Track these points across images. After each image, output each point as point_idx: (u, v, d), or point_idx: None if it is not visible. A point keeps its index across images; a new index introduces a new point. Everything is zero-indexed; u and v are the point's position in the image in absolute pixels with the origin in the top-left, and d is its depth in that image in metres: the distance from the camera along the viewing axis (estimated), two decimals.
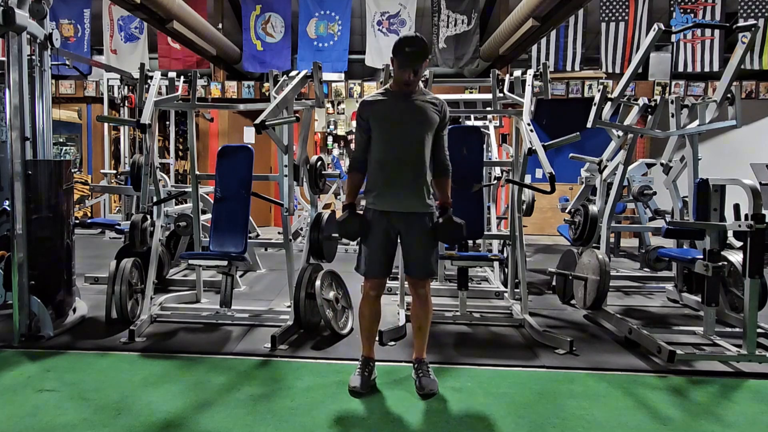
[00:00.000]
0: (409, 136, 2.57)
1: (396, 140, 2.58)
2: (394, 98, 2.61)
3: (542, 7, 6.20)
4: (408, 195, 2.59)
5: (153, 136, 4.09)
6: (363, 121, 2.64)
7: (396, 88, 2.62)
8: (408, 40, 2.47)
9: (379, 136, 2.61)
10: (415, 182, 2.58)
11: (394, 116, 2.58)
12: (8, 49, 3.23)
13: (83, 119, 9.57)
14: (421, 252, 2.64)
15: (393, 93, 2.62)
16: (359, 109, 2.65)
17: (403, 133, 2.57)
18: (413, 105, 2.58)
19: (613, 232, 4.75)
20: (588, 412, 2.49)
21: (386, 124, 2.58)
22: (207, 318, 3.76)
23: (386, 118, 2.58)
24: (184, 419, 2.37)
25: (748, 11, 8.25)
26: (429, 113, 2.59)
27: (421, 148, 2.58)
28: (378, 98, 2.63)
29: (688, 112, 4.37)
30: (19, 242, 3.30)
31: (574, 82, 8.90)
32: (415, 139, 2.57)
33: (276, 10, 8.87)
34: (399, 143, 2.57)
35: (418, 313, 2.73)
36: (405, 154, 2.57)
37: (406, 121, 2.57)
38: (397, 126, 2.57)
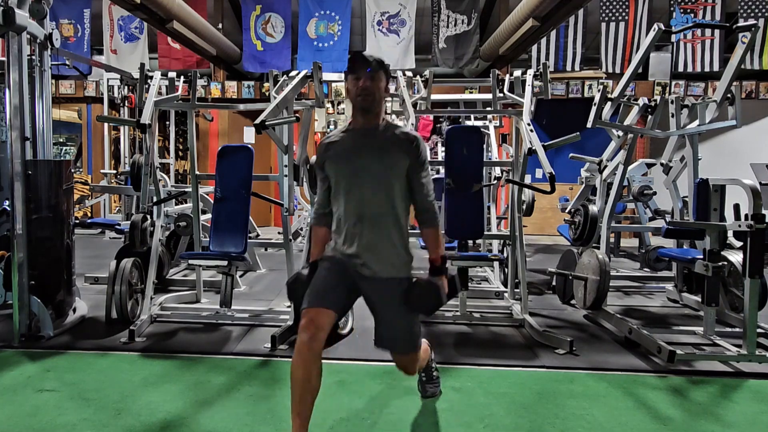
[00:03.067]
0: (373, 183, 2.04)
1: (356, 189, 2.05)
2: (354, 137, 2.10)
3: (542, 7, 6.20)
4: (377, 257, 2.04)
5: (153, 136, 4.09)
6: (320, 169, 2.16)
7: (357, 125, 2.12)
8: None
9: (337, 185, 2.10)
10: (384, 241, 2.05)
11: (353, 160, 2.06)
12: (8, 49, 3.23)
13: (83, 119, 9.57)
14: (400, 325, 2.09)
15: (353, 131, 2.12)
16: (317, 152, 2.19)
17: (364, 179, 2.04)
18: (376, 143, 2.06)
19: (613, 232, 4.75)
20: (588, 412, 2.49)
21: (344, 170, 2.07)
22: (207, 318, 3.76)
23: (344, 163, 2.08)
24: (184, 419, 2.37)
25: (748, 11, 8.25)
26: (395, 153, 2.05)
27: (389, 197, 2.05)
28: (335, 138, 2.14)
29: (688, 112, 4.37)
30: (19, 242, 3.30)
31: (574, 82, 8.90)
32: (381, 186, 2.04)
33: (276, 10, 8.87)
34: (361, 193, 2.04)
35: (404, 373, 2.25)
36: (370, 207, 2.04)
37: (367, 165, 2.04)
38: (358, 171, 2.05)
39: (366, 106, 2.05)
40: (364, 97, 2.03)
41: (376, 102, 2.06)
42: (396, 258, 2.08)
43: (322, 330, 1.96)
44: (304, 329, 1.95)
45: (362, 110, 2.07)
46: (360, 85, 2.02)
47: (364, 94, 2.02)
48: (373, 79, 2.03)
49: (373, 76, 2.03)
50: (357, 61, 2.04)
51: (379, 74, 2.04)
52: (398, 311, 2.07)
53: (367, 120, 2.09)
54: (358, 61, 2.04)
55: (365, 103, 2.04)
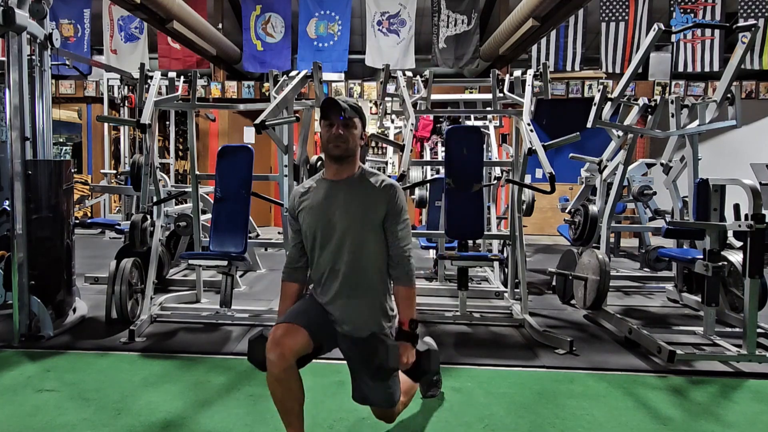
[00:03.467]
0: (345, 238, 1.94)
1: (330, 244, 1.95)
2: (326, 189, 1.99)
3: (542, 7, 6.21)
4: (351, 315, 1.97)
5: (153, 136, 4.09)
6: (294, 220, 2.05)
7: (329, 175, 2.01)
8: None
9: (311, 239, 1.99)
10: (357, 299, 1.97)
11: (326, 213, 1.95)
12: (8, 49, 3.23)
13: (83, 119, 9.57)
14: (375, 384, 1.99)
15: (326, 182, 2.01)
16: (289, 202, 2.09)
17: (337, 234, 1.94)
18: (350, 196, 1.96)
19: (613, 232, 4.75)
20: (588, 412, 2.49)
21: (316, 224, 1.96)
22: (207, 318, 3.76)
23: (315, 217, 1.97)
24: (184, 419, 2.37)
25: (748, 11, 8.25)
26: (371, 205, 1.95)
27: (365, 253, 1.95)
28: (309, 188, 2.04)
29: (688, 112, 4.37)
30: (19, 242, 3.31)
31: (574, 82, 8.90)
32: (355, 241, 1.94)
33: (276, 10, 8.87)
34: (334, 249, 1.95)
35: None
36: (343, 264, 1.94)
37: (339, 219, 1.94)
38: (329, 226, 1.95)
39: (339, 155, 1.95)
40: (336, 144, 1.93)
41: (350, 150, 1.95)
42: (369, 317, 1.98)
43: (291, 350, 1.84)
44: (271, 349, 1.84)
45: (335, 159, 1.96)
46: (333, 132, 1.92)
47: (337, 142, 1.92)
48: (347, 126, 1.93)
49: (347, 123, 1.93)
50: (330, 107, 1.93)
51: (353, 121, 1.94)
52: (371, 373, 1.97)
53: (340, 169, 1.99)
54: (331, 106, 1.93)
55: (338, 152, 1.94)
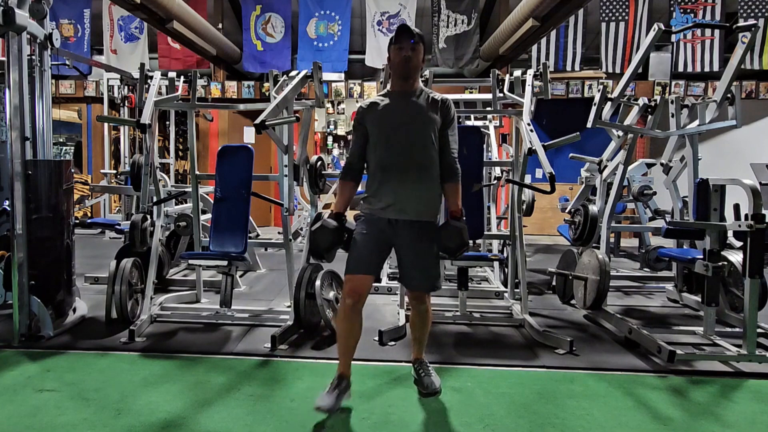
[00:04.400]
0: (412, 136, 2.39)
1: (398, 142, 2.39)
2: (394, 98, 2.46)
3: (542, 7, 6.20)
4: (415, 201, 2.40)
5: (153, 136, 4.09)
6: (360, 125, 2.47)
7: (396, 88, 2.48)
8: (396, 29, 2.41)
9: (379, 140, 2.42)
10: (422, 187, 2.41)
11: (394, 117, 2.42)
12: (8, 49, 3.23)
13: (83, 119, 9.57)
14: (425, 262, 2.44)
15: (393, 93, 2.48)
16: (357, 113, 2.49)
17: (405, 134, 2.39)
18: (414, 103, 2.43)
19: (613, 232, 4.75)
20: (588, 412, 2.49)
21: (386, 126, 2.41)
22: (207, 318, 3.76)
23: (386, 120, 2.42)
24: (184, 419, 2.37)
25: (748, 11, 8.25)
26: (431, 111, 2.42)
27: (427, 149, 2.40)
28: (377, 100, 2.49)
29: (688, 112, 4.37)
30: (19, 242, 3.30)
31: (574, 82, 8.90)
32: (419, 139, 2.39)
33: (276, 10, 8.87)
34: (402, 145, 2.39)
35: (416, 324, 2.62)
36: (409, 157, 2.39)
37: (407, 122, 2.40)
38: (399, 127, 2.40)
39: (406, 73, 2.41)
40: (405, 64, 2.38)
41: (415, 70, 2.41)
42: (429, 203, 2.44)
43: (364, 295, 2.40)
44: (349, 295, 2.38)
45: (402, 77, 2.42)
46: (403, 55, 2.37)
47: (405, 62, 2.37)
48: (414, 50, 2.37)
49: (414, 47, 2.37)
50: (402, 33, 2.36)
51: (419, 46, 2.39)
52: (426, 251, 2.43)
53: (406, 85, 2.44)
54: (403, 33, 2.36)
55: (405, 71, 2.40)
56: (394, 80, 2.48)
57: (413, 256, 2.43)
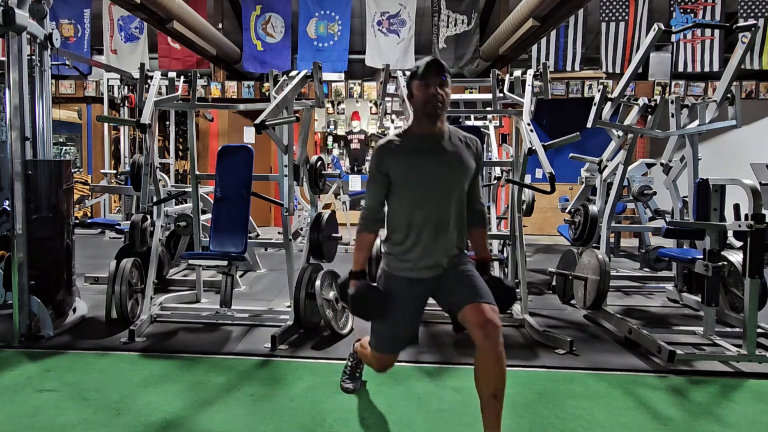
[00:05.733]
0: (444, 189, 2.07)
1: (433, 198, 2.06)
2: (422, 143, 2.09)
3: (542, 7, 6.20)
4: (445, 256, 2.10)
5: (153, 136, 4.09)
6: (382, 175, 2.09)
7: (422, 131, 2.10)
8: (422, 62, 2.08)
9: (405, 193, 2.08)
10: (453, 241, 2.12)
11: (427, 168, 2.06)
12: (8, 49, 3.23)
13: (83, 119, 9.57)
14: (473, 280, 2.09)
15: (418, 137, 2.11)
16: (376, 156, 2.11)
17: (441, 188, 2.07)
18: (447, 151, 2.08)
19: (613, 232, 4.74)
20: (588, 412, 2.49)
21: (418, 179, 2.06)
22: (207, 318, 3.76)
23: (417, 171, 2.06)
24: (184, 419, 2.37)
25: (748, 11, 8.25)
26: (465, 157, 2.10)
27: (460, 202, 2.13)
28: (398, 143, 2.10)
29: (688, 112, 4.37)
30: (19, 242, 3.31)
31: (574, 82, 8.90)
32: (452, 192, 2.09)
33: (276, 10, 8.86)
34: (437, 201, 2.07)
35: (491, 372, 1.95)
36: (441, 213, 2.07)
37: (443, 175, 2.07)
38: (434, 181, 2.06)
39: (435, 114, 2.06)
40: (434, 104, 2.03)
41: (445, 110, 2.08)
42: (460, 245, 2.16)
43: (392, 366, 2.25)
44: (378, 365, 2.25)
45: (430, 116, 2.06)
46: (431, 92, 2.03)
47: (435, 101, 2.03)
48: (442, 85, 2.05)
49: (443, 83, 2.05)
50: (431, 68, 2.05)
51: (448, 81, 2.08)
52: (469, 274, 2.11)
53: (434, 125, 2.09)
54: (432, 67, 2.05)
55: (435, 110, 2.05)
56: (418, 121, 2.11)
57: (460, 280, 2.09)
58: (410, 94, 2.10)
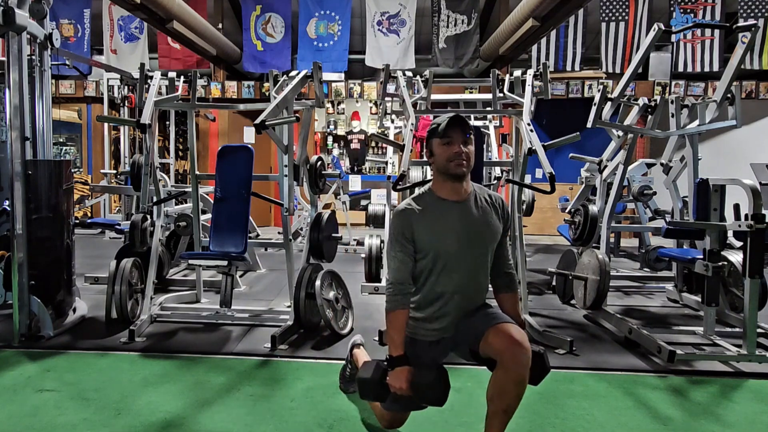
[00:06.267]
0: (478, 259, 1.99)
1: (462, 268, 1.96)
2: (447, 209, 1.97)
3: (542, 7, 6.20)
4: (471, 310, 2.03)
5: (153, 136, 4.09)
6: (406, 240, 1.95)
7: (446, 195, 1.98)
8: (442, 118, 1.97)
9: (431, 263, 1.96)
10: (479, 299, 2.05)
11: (452, 232, 1.94)
12: (8, 49, 3.23)
13: (83, 119, 9.57)
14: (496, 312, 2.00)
15: (441, 201, 1.98)
16: (399, 222, 1.96)
17: (470, 257, 1.96)
18: (475, 217, 1.98)
19: (613, 232, 4.74)
20: (588, 412, 2.49)
21: (441, 247, 1.94)
22: (207, 318, 3.76)
23: (440, 239, 1.94)
24: (184, 419, 2.37)
25: (748, 11, 8.25)
26: (493, 222, 2.00)
27: (486, 265, 2.03)
28: (422, 208, 1.97)
29: (688, 112, 4.37)
30: (19, 242, 3.30)
31: (574, 82, 8.90)
32: (481, 258, 1.99)
33: (276, 10, 8.87)
34: (466, 270, 1.97)
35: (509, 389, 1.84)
36: (469, 283, 1.99)
37: (468, 238, 1.95)
38: (459, 245, 1.94)
39: (462, 173, 1.95)
40: (459, 162, 1.92)
41: (470, 168, 1.96)
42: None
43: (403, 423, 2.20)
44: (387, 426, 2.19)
45: (456, 177, 1.95)
46: (454, 151, 1.91)
47: (459, 160, 1.92)
48: (466, 143, 1.93)
49: (468, 141, 1.94)
50: (455, 126, 1.93)
51: (471, 138, 1.96)
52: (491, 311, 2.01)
53: (458, 187, 1.98)
54: (456, 125, 1.93)
55: (462, 170, 1.93)
56: (442, 183, 1.99)
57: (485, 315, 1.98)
58: (430, 153, 1.99)
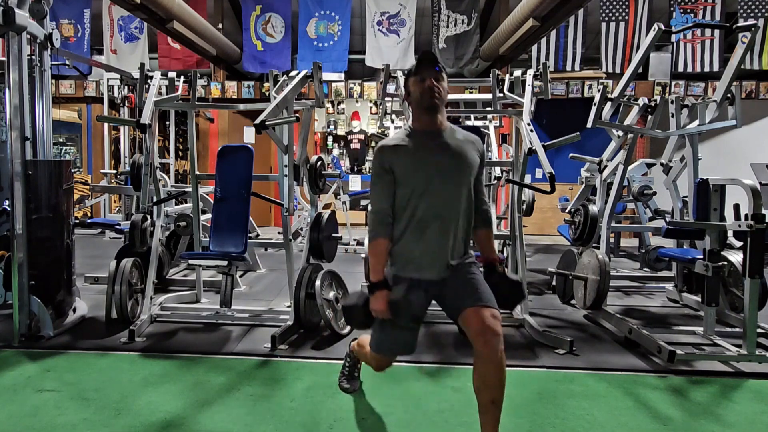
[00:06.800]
0: (450, 183, 2.04)
1: (435, 190, 2.02)
2: (423, 139, 2.07)
3: (542, 7, 6.20)
4: (453, 257, 2.07)
5: (153, 136, 4.09)
6: (387, 172, 2.04)
7: (422, 127, 2.09)
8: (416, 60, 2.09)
9: (410, 188, 2.03)
10: (461, 241, 2.09)
11: (428, 160, 2.04)
12: (8, 49, 3.24)
13: (83, 119, 9.57)
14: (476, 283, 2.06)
15: (419, 133, 2.09)
16: (378, 156, 2.07)
17: (442, 180, 2.03)
18: (449, 146, 2.07)
19: (613, 232, 4.74)
20: (588, 412, 2.49)
21: (420, 171, 2.03)
22: (207, 318, 3.76)
23: (418, 164, 2.03)
24: (184, 419, 2.37)
25: (748, 11, 8.25)
26: (469, 152, 2.09)
27: (466, 196, 2.08)
28: (402, 142, 2.07)
29: (688, 112, 4.37)
30: (19, 242, 3.31)
31: (574, 82, 8.90)
32: (458, 185, 2.06)
33: (276, 10, 8.87)
34: (443, 197, 2.03)
35: (490, 380, 1.93)
36: (447, 207, 2.04)
37: (444, 165, 2.04)
38: (435, 172, 2.03)
39: (434, 107, 2.04)
40: (432, 95, 2.02)
41: (442, 100, 2.06)
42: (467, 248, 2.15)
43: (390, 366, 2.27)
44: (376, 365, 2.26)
45: (429, 110, 2.05)
46: (427, 85, 2.01)
47: (431, 93, 2.02)
48: (438, 79, 2.03)
49: (438, 76, 2.03)
50: (425, 62, 2.05)
51: (443, 74, 2.06)
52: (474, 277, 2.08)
53: (433, 121, 2.07)
54: (425, 62, 2.05)
55: (433, 102, 2.03)
56: (418, 117, 2.10)
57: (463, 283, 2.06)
58: (407, 93, 2.10)
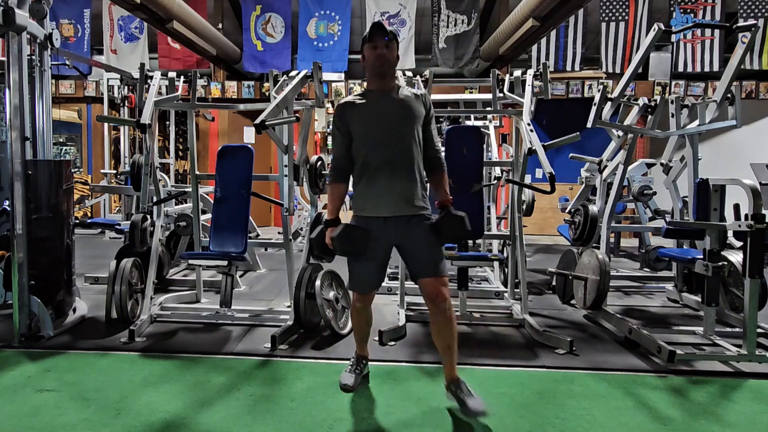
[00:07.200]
0: (397, 133, 2.41)
1: (384, 140, 2.40)
2: (375, 97, 2.47)
3: (542, 7, 6.20)
4: (404, 197, 2.42)
5: (153, 136, 4.09)
6: (343, 125, 2.46)
7: (374, 87, 2.48)
8: None
9: (365, 140, 2.43)
10: (410, 183, 2.42)
11: (378, 115, 2.42)
12: (8, 49, 3.23)
13: (83, 119, 9.57)
14: (429, 250, 2.42)
15: (372, 93, 2.48)
16: (337, 112, 2.49)
17: (390, 131, 2.41)
18: (396, 100, 2.44)
19: (613, 232, 4.75)
20: (588, 412, 2.49)
21: (371, 125, 2.42)
22: (207, 318, 3.76)
23: (370, 119, 2.43)
24: (184, 419, 2.37)
25: (748, 11, 8.25)
26: (413, 105, 2.45)
27: (412, 144, 2.42)
28: (355, 100, 2.48)
29: (688, 112, 4.37)
30: (19, 242, 3.30)
31: (574, 82, 8.90)
32: (404, 135, 2.41)
33: (276, 10, 8.87)
34: (387, 143, 2.40)
35: (443, 332, 2.44)
36: (396, 154, 2.40)
37: (391, 118, 2.42)
38: (383, 124, 2.41)
39: (383, 71, 2.43)
40: (381, 62, 2.41)
41: (391, 67, 2.44)
42: (421, 198, 2.47)
43: (370, 300, 2.61)
44: (359, 301, 2.58)
45: (379, 75, 2.44)
46: (377, 53, 2.40)
47: (381, 60, 2.40)
48: (388, 47, 2.41)
49: (388, 45, 2.41)
50: (376, 32, 2.40)
51: (393, 43, 2.43)
52: (426, 240, 2.42)
53: (383, 83, 2.46)
54: (376, 31, 2.40)
55: (382, 68, 2.42)
56: (371, 79, 2.49)
57: (419, 248, 2.43)
58: (363, 57, 2.47)
